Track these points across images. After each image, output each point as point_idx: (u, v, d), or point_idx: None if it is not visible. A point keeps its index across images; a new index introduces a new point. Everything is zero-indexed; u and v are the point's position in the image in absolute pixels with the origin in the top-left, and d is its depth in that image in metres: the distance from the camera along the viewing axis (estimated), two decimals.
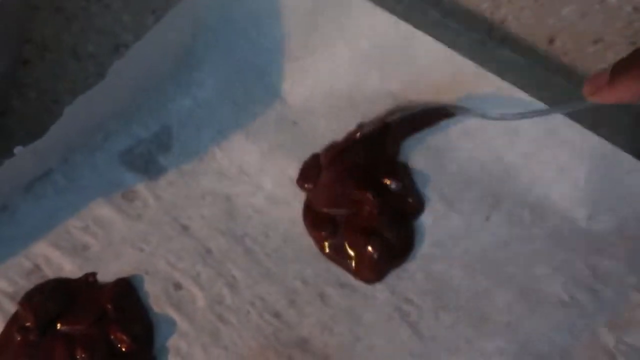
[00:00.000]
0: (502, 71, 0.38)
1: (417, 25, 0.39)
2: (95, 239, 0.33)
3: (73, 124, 0.33)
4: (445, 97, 0.35)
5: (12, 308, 0.31)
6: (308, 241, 0.33)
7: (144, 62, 0.35)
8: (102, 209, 0.34)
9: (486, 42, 0.38)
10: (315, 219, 0.33)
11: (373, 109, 0.35)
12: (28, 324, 0.29)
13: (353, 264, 0.32)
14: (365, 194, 0.33)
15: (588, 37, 0.38)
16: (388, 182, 0.33)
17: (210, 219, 0.34)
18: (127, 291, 0.31)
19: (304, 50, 0.37)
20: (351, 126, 0.35)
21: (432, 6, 0.41)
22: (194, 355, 0.30)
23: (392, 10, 0.38)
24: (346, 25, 0.36)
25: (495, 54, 0.39)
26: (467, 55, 0.34)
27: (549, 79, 0.36)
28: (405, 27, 0.35)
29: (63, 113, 0.32)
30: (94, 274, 0.32)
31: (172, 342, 0.30)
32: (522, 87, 0.33)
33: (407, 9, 0.42)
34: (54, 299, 0.30)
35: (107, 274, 0.32)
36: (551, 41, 0.38)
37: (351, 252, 0.32)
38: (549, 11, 0.38)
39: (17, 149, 0.30)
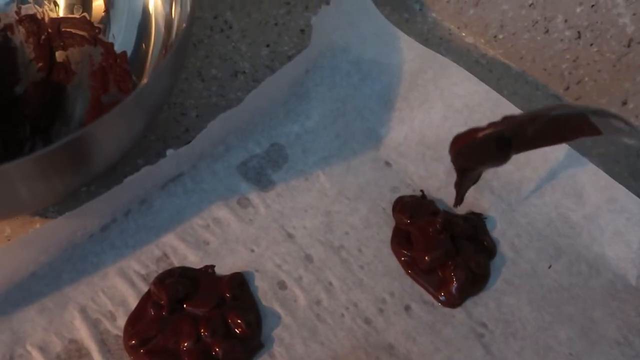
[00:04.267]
0: None
1: (499, 77, 0.43)
2: (214, 236, 0.36)
3: (208, 136, 0.36)
4: (521, 160, 0.38)
5: (144, 287, 0.33)
6: (395, 261, 0.36)
7: (267, 91, 0.38)
8: (220, 211, 0.37)
9: (562, 98, 0.42)
10: (402, 246, 0.36)
11: None
12: (162, 302, 0.32)
13: (437, 288, 0.35)
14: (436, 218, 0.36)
15: None
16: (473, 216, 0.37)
17: (311, 230, 0.37)
18: (241, 283, 0.33)
19: (404, 103, 0.41)
20: (436, 173, 0.39)
21: (513, 62, 0.45)
22: (295, 346, 0.33)
23: (476, 65, 0.43)
24: (445, 87, 0.40)
25: None
26: None
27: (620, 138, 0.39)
28: (494, 95, 0.39)
29: (207, 126, 0.35)
30: (212, 266, 0.34)
31: (277, 332, 0.33)
32: (595, 142, 0.37)
33: (489, 63, 0.46)
34: (181, 283, 0.32)
35: (223, 268, 0.35)
36: (624, 103, 0.42)
37: (436, 278, 0.35)
38: (625, 76, 0.41)
39: (169, 152, 0.34)
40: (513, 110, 0.39)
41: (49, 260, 0.32)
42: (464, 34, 0.48)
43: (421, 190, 0.38)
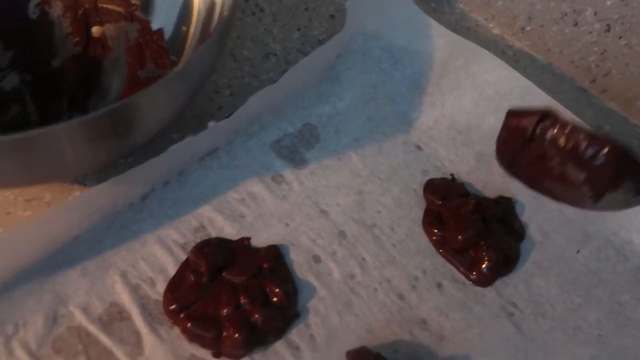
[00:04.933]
0: (598, 120, 0.43)
1: (526, 67, 0.44)
2: (249, 210, 0.36)
3: (244, 113, 0.37)
4: None
5: (182, 255, 0.33)
6: (426, 241, 0.37)
7: (299, 73, 0.39)
8: (255, 186, 0.37)
9: (587, 90, 0.43)
10: (434, 225, 0.37)
11: (486, 148, 0.40)
12: (201, 269, 0.32)
13: (468, 267, 0.35)
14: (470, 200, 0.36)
15: None
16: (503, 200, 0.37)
17: (344, 207, 0.37)
18: (277, 255, 0.34)
19: (435, 88, 0.42)
20: (466, 158, 0.40)
21: (540, 54, 0.46)
22: (330, 317, 0.33)
23: (502, 56, 0.43)
24: (476, 74, 0.41)
25: (594, 102, 0.44)
26: (568, 100, 0.39)
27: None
28: (524, 82, 0.40)
29: (247, 101, 0.36)
30: (248, 239, 0.35)
31: (312, 304, 0.33)
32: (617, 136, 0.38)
33: (516, 54, 0.47)
34: (219, 252, 0.33)
35: (258, 240, 0.35)
36: None
37: (467, 257, 0.36)
38: None
39: (210, 123, 0.34)
40: (542, 97, 0.39)
41: (91, 226, 0.32)
42: (491, 25, 0.48)
43: (451, 174, 0.39)
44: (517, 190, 0.38)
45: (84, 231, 0.32)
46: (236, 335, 0.30)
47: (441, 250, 0.36)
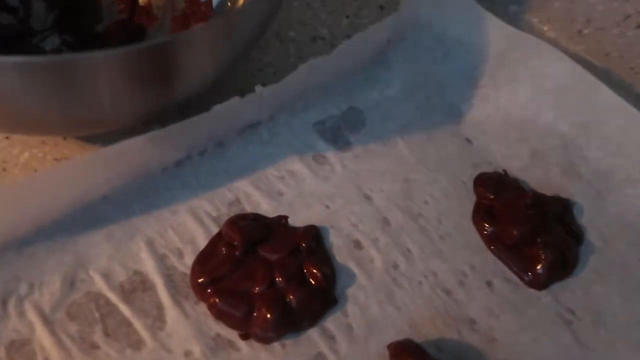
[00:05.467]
0: None
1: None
2: (288, 188, 0.34)
3: (291, 86, 0.35)
4: (611, 147, 0.36)
5: (214, 228, 0.31)
6: (476, 236, 0.34)
7: (348, 54, 0.37)
8: (295, 165, 0.35)
9: None
10: (485, 219, 0.34)
11: (541, 144, 0.37)
12: (235, 242, 0.29)
13: (522, 267, 0.32)
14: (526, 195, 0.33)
15: None
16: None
17: (389, 194, 0.34)
18: (316, 235, 0.31)
19: (489, 81, 0.39)
20: (520, 154, 0.37)
21: (597, 59, 0.43)
22: (370, 307, 0.30)
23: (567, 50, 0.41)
24: (535, 67, 0.38)
25: None
26: None
27: None
28: (589, 78, 0.37)
29: (298, 69, 0.34)
30: (286, 217, 0.32)
31: (352, 291, 0.30)
32: None
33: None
34: (256, 227, 0.30)
35: (296, 220, 0.32)
36: None
37: (522, 256, 0.32)
38: None
39: (258, 87, 0.32)
40: (609, 96, 0.36)
41: (121, 186, 0.30)
42: (545, 28, 0.46)
43: (503, 170, 0.36)
44: (575, 191, 0.35)
45: (113, 190, 0.30)
46: (268, 315, 0.27)
47: (492, 247, 0.33)
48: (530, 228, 0.32)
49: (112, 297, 0.28)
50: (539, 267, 0.32)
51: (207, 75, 0.30)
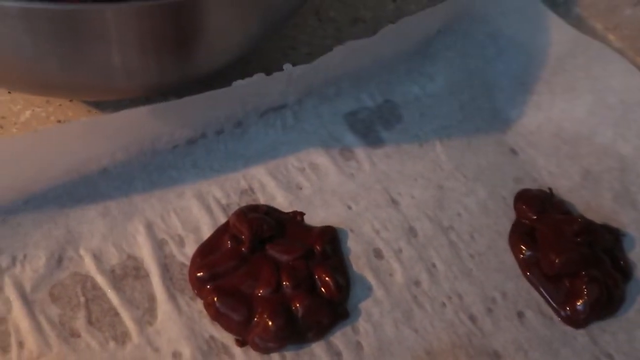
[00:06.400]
0: None
1: None
2: (309, 182, 0.30)
3: (324, 68, 0.31)
4: None
5: (221, 218, 0.28)
6: (512, 259, 0.30)
7: (390, 41, 0.33)
8: (319, 157, 0.31)
9: None
10: (524, 242, 0.30)
11: (595, 165, 0.33)
12: (242, 236, 0.26)
13: (561, 300, 0.28)
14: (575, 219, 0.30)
15: None
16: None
17: (419, 201, 0.31)
18: (333, 239, 0.28)
19: (544, 87, 0.35)
20: (570, 173, 0.33)
21: None
22: (384, 326, 0.27)
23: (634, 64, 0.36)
24: (598, 77, 0.34)
25: None
26: None
27: None
28: None
29: (334, 50, 0.30)
30: (302, 214, 0.29)
31: (366, 305, 0.27)
32: None
33: None
34: (267, 222, 0.27)
35: (313, 219, 0.29)
36: None
37: (561, 287, 0.29)
38: None
39: (287, 66, 0.29)
40: None
41: (124, 160, 0.27)
42: (611, 37, 0.42)
43: (549, 188, 0.32)
44: (628, 221, 0.31)
45: (115, 164, 0.27)
46: (270, 323, 0.24)
47: (528, 273, 0.29)
48: (575, 258, 0.28)
49: (101, 281, 0.25)
50: (579, 303, 0.28)
51: (234, 46, 0.27)
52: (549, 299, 0.28)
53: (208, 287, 0.25)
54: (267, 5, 0.26)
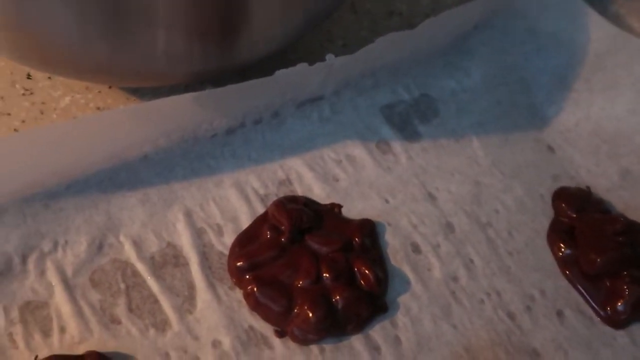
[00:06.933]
0: None
1: None
2: (346, 174, 0.30)
3: (364, 59, 0.31)
4: None
5: (259, 208, 0.27)
6: (550, 257, 0.30)
7: (429, 34, 0.33)
8: (355, 149, 0.31)
9: None
10: (563, 240, 0.30)
11: (635, 164, 0.32)
12: (282, 226, 0.26)
13: (601, 300, 0.28)
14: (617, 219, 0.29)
15: None
16: None
17: (456, 196, 0.30)
18: (372, 232, 0.27)
19: (583, 85, 0.34)
20: (608, 172, 0.32)
21: None
22: (423, 321, 0.26)
23: None
24: (639, 75, 0.33)
25: None
26: None
27: None
28: None
29: (376, 41, 0.30)
30: (340, 206, 0.28)
31: (404, 299, 0.27)
32: None
33: None
34: (307, 213, 0.27)
35: (351, 211, 0.29)
36: None
37: (601, 287, 0.28)
38: None
39: (329, 56, 0.29)
40: None
41: (165, 146, 0.27)
42: None
43: (587, 187, 0.32)
44: None
45: (156, 150, 0.27)
46: (310, 314, 0.24)
47: (567, 272, 0.29)
48: (617, 258, 0.28)
49: (141, 268, 0.25)
50: (620, 303, 0.27)
51: (277, 37, 0.27)
52: (589, 299, 0.28)
53: (247, 276, 0.25)
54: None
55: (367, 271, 0.26)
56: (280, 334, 0.24)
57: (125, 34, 0.22)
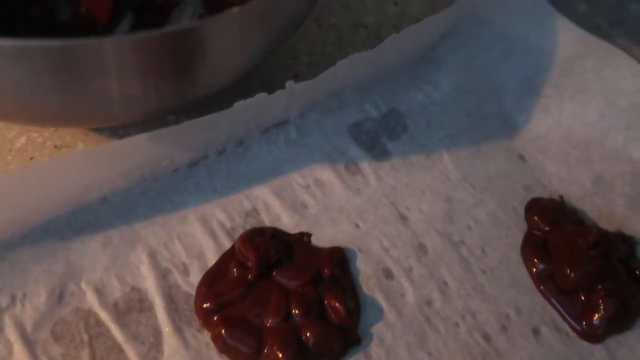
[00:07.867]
0: None
1: None
2: (314, 199, 0.29)
3: (328, 81, 0.30)
4: None
5: (226, 243, 0.26)
6: (524, 272, 0.29)
7: (394, 49, 0.32)
8: (324, 172, 0.30)
9: None
10: (537, 254, 0.29)
11: (607, 170, 0.31)
12: (248, 262, 0.25)
13: (577, 315, 0.27)
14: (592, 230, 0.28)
15: None
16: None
17: (428, 215, 0.29)
18: (342, 260, 0.26)
19: (552, 90, 0.33)
20: (581, 179, 0.31)
21: None
22: (397, 350, 0.25)
23: None
24: (609, 79, 0.32)
25: None
26: None
27: None
28: None
29: (337, 64, 0.29)
30: (309, 234, 0.27)
31: (377, 329, 0.26)
32: None
33: None
34: (274, 246, 0.26)
35: (321, 239, 0.28)
36: None
37: (577, 301, 0.28)
38: None
39: (289, 83, 0.27)
40: None
41: (124, 187, 0.26)
42: (616, 34, 0.40)
43: (560, 196, 0.31)
44: None
45: (115, 191, 0.26)
46: (280, 354, 0.23)
47: (542, 287, 0.28)
48: (591, 271, 0.27)
49: (104, 316, 0.24)
50: (596, 318, 0.27)
51: (236, 68, 0.26)
52: (565, 314, 0.27)
53: (215, 318, 0.24)
54: (269, 27, 0.24)
55: (337, 304, 0.25)
56: None
57: (76, 84, 0.21)
